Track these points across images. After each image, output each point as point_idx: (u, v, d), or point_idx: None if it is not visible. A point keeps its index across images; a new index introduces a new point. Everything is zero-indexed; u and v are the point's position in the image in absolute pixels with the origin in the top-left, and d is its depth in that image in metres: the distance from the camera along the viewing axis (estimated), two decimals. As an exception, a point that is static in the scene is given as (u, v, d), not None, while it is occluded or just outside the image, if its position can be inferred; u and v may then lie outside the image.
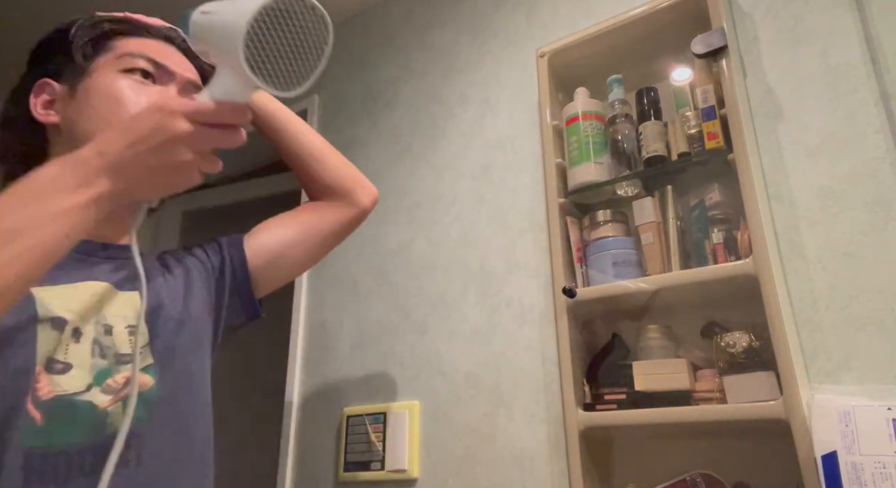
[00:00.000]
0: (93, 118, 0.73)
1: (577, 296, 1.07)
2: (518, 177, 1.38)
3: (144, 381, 0.69)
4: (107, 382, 0.66)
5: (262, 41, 0.54)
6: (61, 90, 0.78)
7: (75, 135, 0.74)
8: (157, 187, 0.58)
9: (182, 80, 0.79)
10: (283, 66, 0.56)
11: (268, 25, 0.54)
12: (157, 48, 0.79)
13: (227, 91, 0.58)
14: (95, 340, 0.67)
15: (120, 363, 0.68)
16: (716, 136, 1.04)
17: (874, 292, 0.94)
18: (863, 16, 1.05)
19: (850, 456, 0.79)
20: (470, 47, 1.59)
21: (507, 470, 1.18)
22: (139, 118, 0.56)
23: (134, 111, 0.71)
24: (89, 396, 0.64)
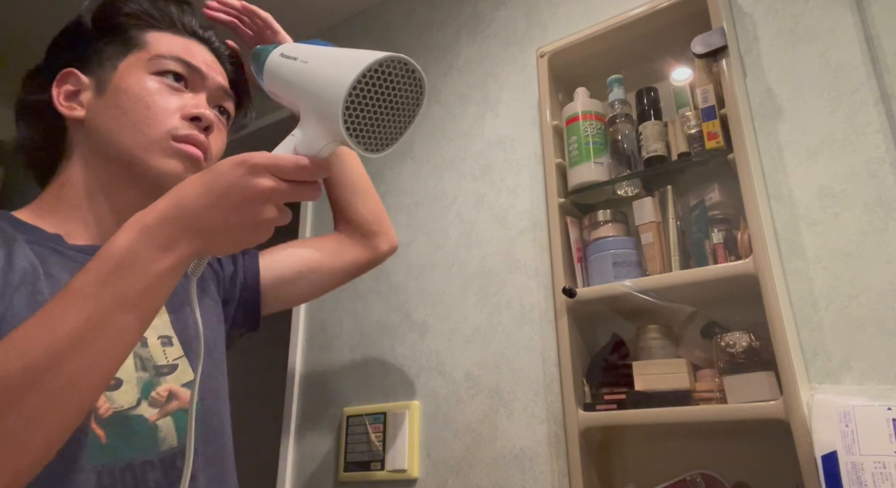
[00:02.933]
0: (120, 119, 0.69)
1: (577, 296, 1.07)
2: (518, 177, 1.38)
3: (187, 399, 0.69)
4: (152, 395, 0.66)
5: (359, 102, 0.51)
6: (87, 82, 0.72)
7: (100, 133, 0.70)
8: (233, 244, 0.54)
9: (214, 85, 0.75)
10: (374, 127, 0.53)
11: (367, 87, 0.51)
12: (189, 48, 0.74)
13: (311, 145, 0.55)
14: (136, 353, 0.66)
15: (159, 375, 0.68)
16: (716, 136, 1.04)
17: (874, 292, 0.94)
18: (863, 16, 1.05)
19: (850, 456, 0.79)
20: (470, 47, 1.59)
21: (507, 470, 1.18)
22: (221, 172, 0.52)
23: (162, 117, 0.69)
24: (140, 410, 0.64)
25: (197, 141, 0.70)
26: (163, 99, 0.69)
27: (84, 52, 0.73)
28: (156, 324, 0.70)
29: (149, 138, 0.68)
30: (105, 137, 0.69)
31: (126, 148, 0.68)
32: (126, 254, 0.49)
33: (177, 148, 0.69)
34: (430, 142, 1.57)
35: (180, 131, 0.69)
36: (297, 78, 0.57)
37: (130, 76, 0.70)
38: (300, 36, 0.76)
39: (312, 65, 0.56)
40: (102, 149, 0.70)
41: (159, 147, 0.68)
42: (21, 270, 0.60)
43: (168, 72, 0.71)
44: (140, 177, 0.69)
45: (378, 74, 0.51)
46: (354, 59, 0.51)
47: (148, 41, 0.72)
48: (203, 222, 0.51)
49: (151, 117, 0.68)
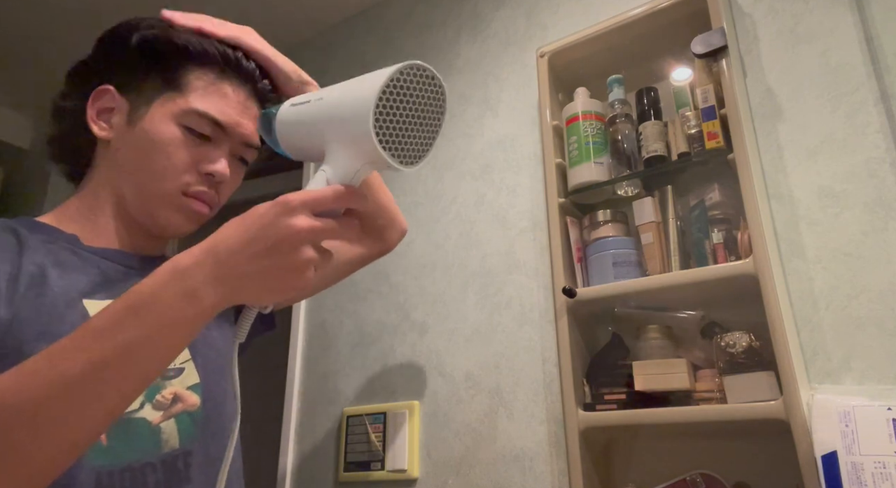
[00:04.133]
0: (140, 161, 0.71)
1: (577, 296, 1.07)
2: (518, 177, 1.38)
3: (192, 401, 0.69)
4: (156, 398, 0.66)
5: (387, 114, 0.51)
6: (122, 105, 0.73)
7: (120, 164, 0.72)
8: (267, 292, 0.52)
9: (238, 140, 0.75)
10: (405, 138, 0.53)
11: (391, 97, 0.51)
12: (227, 96, 0.73)
13: (344, 173, 0.54)
14: None
15: (165, 378, 0.67)
16: (716, 136, 1.04)
17: (874, 292, 0.94)
18: (863, 16, 1.05)
19: (850, 456, 0.79)
20: (470, 47, 1.59)
21: (507, 470, 1.18)
22: (258, 214, 0.51)
23: (180, 170, 0.70)
24: (143, 413, 0.64)
25: (206, 197, 0.73)
26: (184, 152, 0.70)
27: (126, 74, 0.73)
28: None
29: (161, 189, 0.70)
30: (124, 170, 0.71)
31: (138, 191, 0.71)
32: (148, 298, 0.49)
33: (184, 203, 0.71)
34: (430, 142, 1.57)
35: (192, 187, 0.71)
36: (317, 115, 0.56)
37: (160, 122, 0.70)
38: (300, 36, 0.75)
39: (328, 98, 0.56)
40: (120, 177, 0.72)
41: (168, 200, 0.71)
42: (28, 275, 0.61)
43: (197, 129, 0.71)
44: (144, 217, 0.72)
45: (399, 84, 0.52)
46: (371, 77, 0.52)
47: (188, 85, 0.72)
48: (235, 269, 0.50)
49: (170, 169, 0.70)
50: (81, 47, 0.84)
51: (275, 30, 1.93)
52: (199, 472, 0.67)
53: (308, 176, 1.78)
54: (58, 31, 1.94)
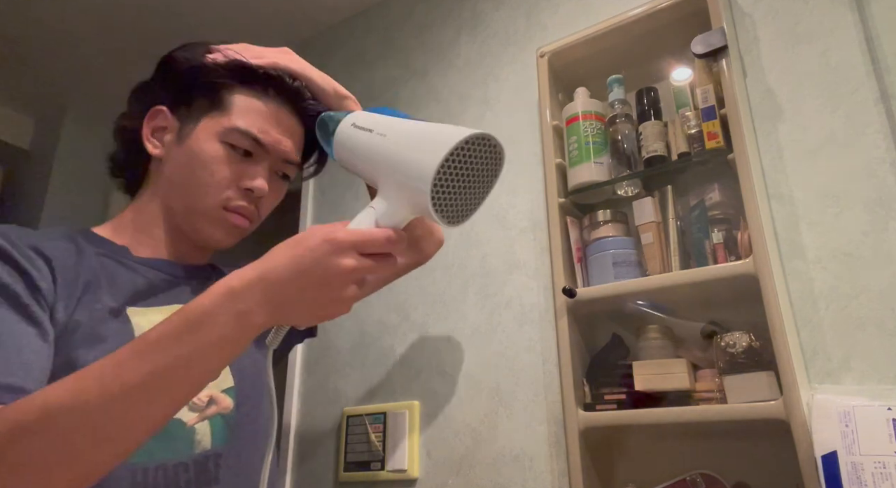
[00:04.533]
0: (186, 177, 0.76)
1: (577, 296, 1.07)
2: (518, 177, 1.38)
3: (226, 404, 0.71)
4: (192, 400, 0.67)
5: (446, 179, 0.52)
6: (173, 123, 0.79)
7: (169, 179, 0.77)
8: (310, 318, 0.56)
9: (278, 158, 0.79)
10: (457, 201, 0.54)
11: (453, 164, 0.52)
12: (269, 116, 0.78)
13: (392, 218, 0.56)
14: None
15: None
16: (716, 136, 1.04)
17: (874, 292, 0.94)
18: (863, 16, 1.05)
19: (850, 456, 0.79)
20: (470, 47, 1.59)
21: (507, 470, 1.18)
22: (309, 247, 0.53)
23: (222, 186, 0.75)
24: (179, 414, 0.66)
25: (246, 212, 0.77)
26: (226, 168, 0.75)
27: (178, 95, 0.79)
28: None
29: (204, 204, 0.75)
30: (172, 184, 0.77)
31: (183, 204, 0.76)
32: (203, 315, 0.52)
33: (225, 217, 0.76)
34: (430, 142, 1.57)
35: (232, 202, 0.76)
36: (378, 152, 0.57)
37: (205, 140, 0.75)
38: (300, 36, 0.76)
39: (392, 139, 0.56)
40: (169, 192, 0.78)
41: (210, 215, 0.76)
42: (84, 283, 0.66)
43: (238, 146, 0.76)
44: (188, 230, 0.78)
45: (463, 152, 0.52)
46: (440, 136, 0.52)
47: (232, 105, 0.77)
48: (284, 295, 0.53)
49: (212, 184, 0.75)
50: (81, 48, 0.85)
51: (275, 30, 1.93)
52: (229, 474, 0.69)
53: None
54: (58, 32, 1.94)
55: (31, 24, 1.92)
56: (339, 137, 0.62)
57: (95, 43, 1.98)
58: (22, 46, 2.02)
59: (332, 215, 1.72)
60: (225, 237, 0.78)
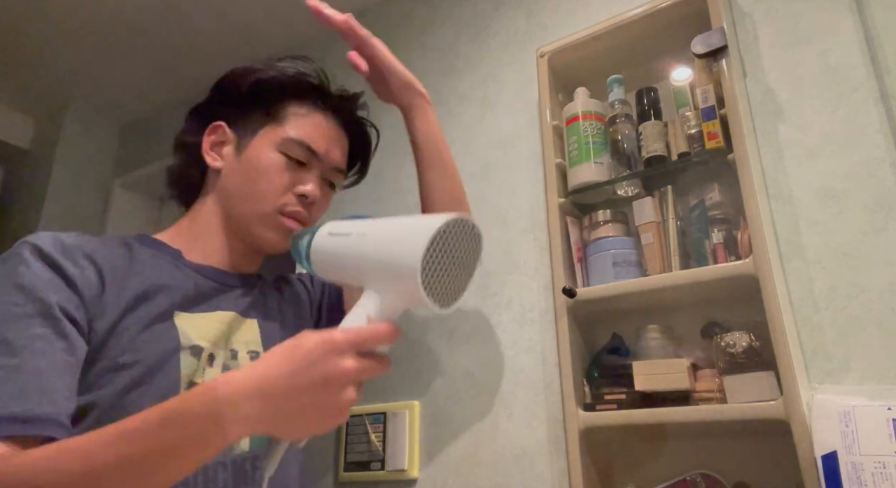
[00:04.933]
0: (245, 186, 0.81)
1: (577, 296, 1.07)
2: (518, 177, 1.38)
3: None
4: None
5: (433, 265, 0.54)
6: (231, 137, 0.84)
7: (228, 189, 0.83)
8: (304, 430, 0.54)
9: (328, 166, 0.86)
10: (446, 284, 0.56)
11: (437, 250, 0.54)
12: (319, 126, 0.85)
13: (384, 311, 0.57)
14: (224, 365, 0.74)
15: None
16: (716, 136, 1.04)
17: (874, 292, 0.94)
18: (863, 16, 1.05)
19: (850, 456, 0.79)
20: (470, 47, 1.59)
21: (507, 470, 1.18)
22: (305, 350, 0.52)
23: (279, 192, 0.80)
24: None
25: (300, 217, 0.82)
26: (283, 176, 0.81)
27: (234, 111, 0.85)
28: (248, 337, 0.78)
29: (262, 210, 0.80)
30: (231, 193, 0.82)
31: (241, 211, 0.81)
32: (180, 416, 0.52)
33: (280, 222, 0.81)
34: (430, 142, 1.57)
35: (288, 208, 0.81)
36: (362, 252, 0.59)
37: (262, 150, 0.81)
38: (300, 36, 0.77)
39: (374, 237, 0.58)
40: (227, 201, 0.83)
41: (268, 219, 0.80)
42: (134, 289, 0.70)
43: (293, 155, 0.82)
44: (245, 235, 0.83)
45: (444, 236, 0.55)
46: (420, 226, 0.55)
47: (287, 116, 0.83)
48: (279, 408, 0.51)
49: (270, 191, 0.80)
50: (82, 48, 0.86)
51: (275, 29, 1.93)
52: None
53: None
54: (59, 33, 1.94)
55: (31, 24, 1.92)
56: (318, 247, 0.64)
57: (95, 43, 1.98)
58: (22, 46, 2.01)
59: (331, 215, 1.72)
60: (281, 240, 0.82)
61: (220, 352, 0.74)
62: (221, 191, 0.83)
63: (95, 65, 2.10)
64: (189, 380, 0.69)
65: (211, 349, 0.73)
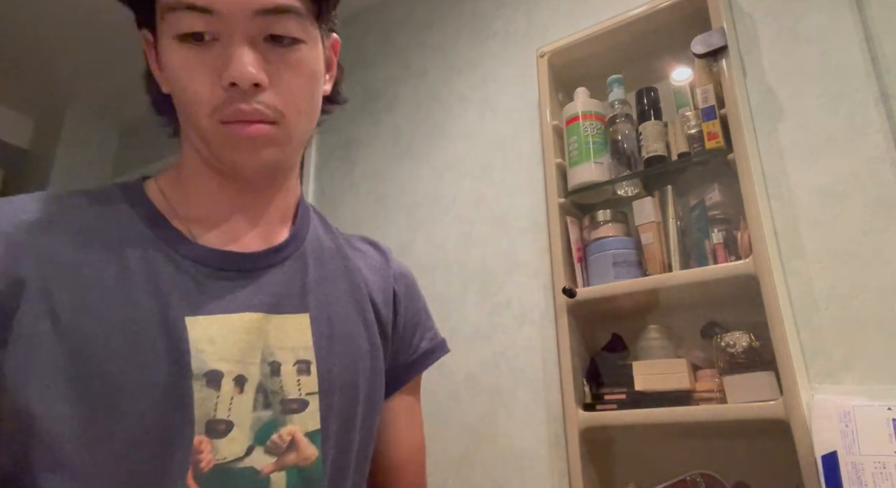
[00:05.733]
0: (177, 103, 0.55)
1: (577, 296, 1.07)
2: (518, 177, 1.38)
3: (307, 453, 0.53)
4: (272, 438, 0.51)
5: None
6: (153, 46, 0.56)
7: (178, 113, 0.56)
8: None
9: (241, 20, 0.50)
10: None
11: None
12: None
13: None
14: (260, 386, 0.52)
15: (287, 412, 0.53)
16: (716, 136, 1.04)
17: (874, 292, 0.94)
18: (863, 16, 1.05)
19: (850, 456, 0.79)
20: (470, 47, 1.59)
21: (507, 470, 1.18)
22: None
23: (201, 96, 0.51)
24: (250, 461, 0.50)
25: (248, 115, 0.51)
26: (194, 72, 0.51)
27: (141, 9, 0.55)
28: (295, 343, 0.55)
29: (203, 127, 0.52)
30: (182, 120, 0.56)
31: (194, 139, 0.55)
32: None
33: (229, 133, 0.51)
34: (430, 143, 1.57)
35: (224, 111, 0.51)
36: None
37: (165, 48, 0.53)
38: None
39: None
40: (184, 130, 0.57)
41: (215, 136, 0.52)
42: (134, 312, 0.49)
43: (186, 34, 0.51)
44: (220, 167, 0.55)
45: None
46: None
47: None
48: None
49: (192, 100, 0.52)
50: (81, 48, 0.83)
51: (275, 30, 1.92)
52: None
53: (309, 176, 1.78)
54: (59, 33, 1.94)
55: (32, 25, 1.92)
56: None
57: (95, 43, 1.98)
58: (22, 46, 2.01)
59: (332, 213, 1.72)
60: (251, 158, 0.53)
61: (254, 369, 0.52)
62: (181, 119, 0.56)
63: (95, 65, 2.10)
64: (209, 419, 0.49)
65: (239, 368, 0.51)
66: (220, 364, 0.50)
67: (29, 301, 0.46)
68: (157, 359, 0.47)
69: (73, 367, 0.45)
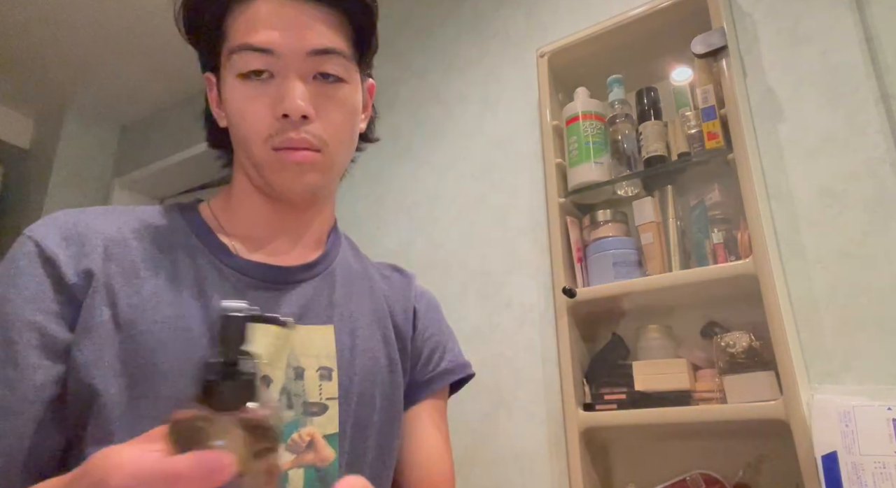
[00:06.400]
0: (235, 135, 0.61)
1: (577, 296, 1.07)
2: (518, 177, 1.38)
3: (324, 455, 0.56)
4: (292, 437, 0.55)
5: None
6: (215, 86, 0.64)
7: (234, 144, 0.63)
8: None
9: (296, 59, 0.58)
10: None
11: None
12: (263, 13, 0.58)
13: None
14: (284, 388, 0.56)
15: (308, 413, 0.56)
16: (716, 136, 1.04)
17: (874, 292, 0.94)
18: (863, 16, 1.05)
19: (850, 456, 0.79)
20: (470, 47, 1.59)
21: (507, 470, 1.18)
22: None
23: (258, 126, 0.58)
24: None
25: (297, 143, 0.58)
26: (253, 104, 0.58)
27: (206, 53, 0.63)
28: (319, 351, 0.60)
29: (256, 154, 0.59)
30: (236, 149, 0.63)
31: (249, 165, 0.62)
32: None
33: (279, 158, 0.58)
34: (430, 142, 1.57)
35: (275, 139, 0.58)
36: None
37: (228, 84, 0.60)
38: None
39: None
40: (239, 158, 0.64)
41: (267, 164, 0.59)
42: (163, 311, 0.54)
43: (248, 72, 0.58)
44: (267, 189, 0.62)
45: None
46: None
47: (231, 26, 0.60)
48: None
49: (250, 130, 0.59)
50: (81, 48, 0.82)
51: (275, 30, 1.92)
52: None
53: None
54: (59, 33, 1.94)
55: (32, 25, 1.92)
56: None
57: (95, 42, 1.98)
58: (22, 46, 2.01)
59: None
60: (297, 181, 0.59)
61: (279, 373, 0.56)
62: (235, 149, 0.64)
63: (95, 65, 2.10)
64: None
65: (265, 369, 0.56)
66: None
67: (97, 292, 0.53)
68: (197, 351, 0.53)
69: (126, 354, 0.51)
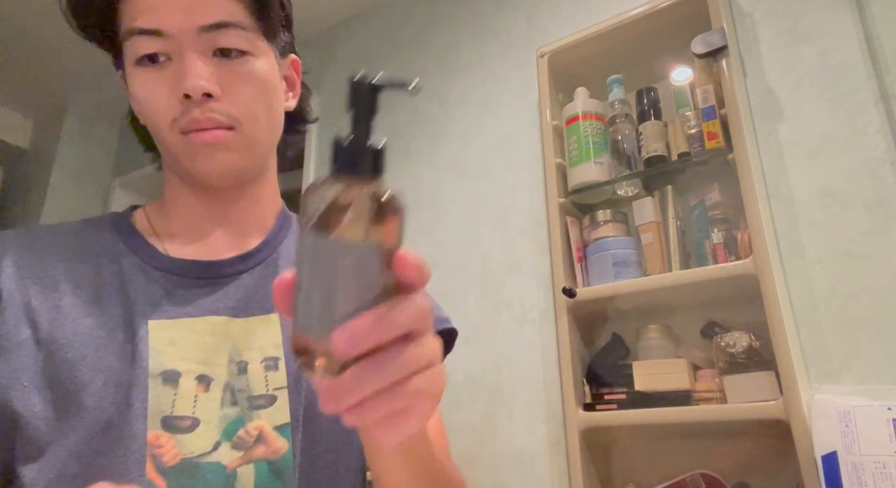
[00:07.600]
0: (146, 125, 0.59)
1: (577, 296, 1.07)
2: (518, 177, 1.38)
3: (276, 446, 0.54)
4: (238, 434, 0.53)
5: None
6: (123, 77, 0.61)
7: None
8: None
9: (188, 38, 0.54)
10: None
11: None
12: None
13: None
14: (227, 385, 0.54)
15: (253, 408, 0.54)
16: (716, 136, 1.04)
17: (874, 292, 0.94)
18: (863, 16, 1.05)
19: (850, 456, 0.79)
20: (470, 47, 1.59)
21: (507, 469, 1.18)
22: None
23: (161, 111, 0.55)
24: (216, 456, 0.52)
25: (204, 124, 0.55)
26: (154, 90, 0.55)
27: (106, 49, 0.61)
28: (263, 342, 0.57)
29: (166, 140, 0.56)
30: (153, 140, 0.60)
31: (165, 153, 0.59)
32: None
33: (189, 141, 0.55)
34: (430, 143, 1.57)
35: (181, 121, 0.55)
36: None
37: (129, 76, 0.58)
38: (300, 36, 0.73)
39: None
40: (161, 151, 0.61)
41: (177, 146, 0.56)
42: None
43: (141, 57, 0.56)
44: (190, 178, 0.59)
45: None
46: None
47: (123, 11, 0.57)
48: None
49: (154, 117, 0.56)
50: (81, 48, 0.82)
51: (275, 30, 1.93)
52: None
53: (308, 176, 1.78)
54: (59, 33, 1.94)
55: (31, 25, 1.92)
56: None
57: (95, 43, 1.98)
58: (22, 46, 2.01)
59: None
60: (210, 163, 0.56)
61: (220, 370, 0.55)
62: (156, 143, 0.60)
63: (95, 65, 2.10)
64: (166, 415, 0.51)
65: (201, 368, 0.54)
66: (179, 363, 0.53)
67: (10, 309, 0.52)
68: (119, 360, 0.52)
69: (47, 370, 0.50)
